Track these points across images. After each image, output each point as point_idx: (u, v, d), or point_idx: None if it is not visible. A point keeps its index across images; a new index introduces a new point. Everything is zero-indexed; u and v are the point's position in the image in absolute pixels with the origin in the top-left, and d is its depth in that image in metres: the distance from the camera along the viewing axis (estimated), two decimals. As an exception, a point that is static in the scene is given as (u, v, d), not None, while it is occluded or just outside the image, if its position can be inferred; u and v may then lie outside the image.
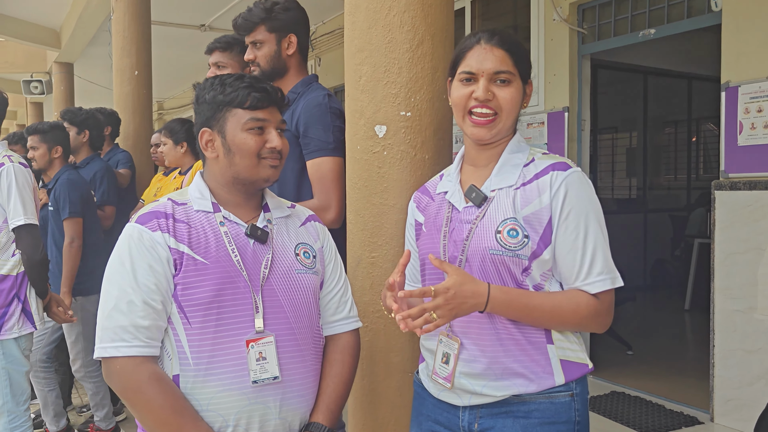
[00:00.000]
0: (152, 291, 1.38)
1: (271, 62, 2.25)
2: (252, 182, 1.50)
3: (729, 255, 3.55)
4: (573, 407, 1.41)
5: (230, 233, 1.47)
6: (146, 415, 1.36)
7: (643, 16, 4.23)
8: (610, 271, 1.40)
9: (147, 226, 1.43)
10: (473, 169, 1.52)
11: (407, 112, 1.77)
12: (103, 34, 7.37)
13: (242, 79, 1.48)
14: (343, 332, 1.60)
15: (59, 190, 3.53)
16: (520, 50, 1.46)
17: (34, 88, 9.85)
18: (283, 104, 1.54)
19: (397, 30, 1.76)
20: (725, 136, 3.60)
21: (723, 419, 3.58)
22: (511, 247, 1.38)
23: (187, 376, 1.39)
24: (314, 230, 1.62)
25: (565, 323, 1.40)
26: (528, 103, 1.50)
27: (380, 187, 1.79)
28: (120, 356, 1.36)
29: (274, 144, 1.48)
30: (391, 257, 1.78)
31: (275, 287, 1.46)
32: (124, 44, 5.05)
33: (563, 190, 1.38)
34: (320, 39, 7.52)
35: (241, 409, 1.39)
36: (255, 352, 1.40)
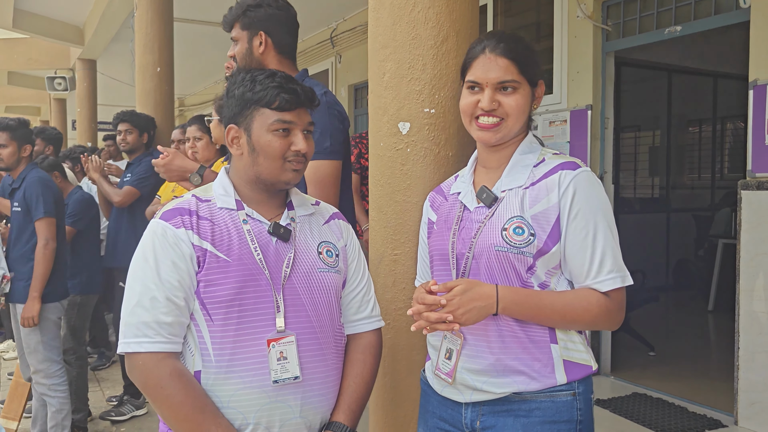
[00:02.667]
0: (175, 288, 1.39)
1: (243, 60, 2.22)
2: (273, 183, 1.50)
3: (755, 255, 3.49)
4: (575, 407, 1.42)
5: (253, 231, 1.46)
6: (167, 410, 1.37)
7: (669, 12, 4.17)
8: (620, 269, 1.41)
9: (171, 223, 1.43)
10: (485, 171, 1.54)
11: (431, 109, 1.76)
12: (125, 30, 7.44)
13: (273, 78, 1.47)
14: (365, 331, 1.59)
15: (30, 189, 3.41)
16: (526, 56, 1.47)
17: (57, 84, 9.98)
18: (314, 105, 1.52)
19: (421, 26, 1.74)
20: (752, 135, 3.54)
21: (747, 422, 3.52)
22: (517, 244, 1.40)
23: (208, 372, 1.39)
24: (338, 228, 1.61)
25: (577, 322, 1.41)
26: (539, 104, 1.52)
27: (403, 185, 1.78)
28: (142, 352, 1.37)
29: (299, 147, 1.46)
30: (413, 254, 1.77)
31: (297, 286, 1.46)
32: (146, 41, 5.09)
33: (572, 189, 1.40)
34: (341, 36, 7.52)
35: (261, 407, 1.39)
36: (276, 352, 1.40)
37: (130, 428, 4.09)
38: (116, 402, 4.31)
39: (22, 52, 10.40)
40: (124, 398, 4.28)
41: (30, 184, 3.43)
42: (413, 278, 1.77)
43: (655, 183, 8.03)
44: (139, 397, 4.28)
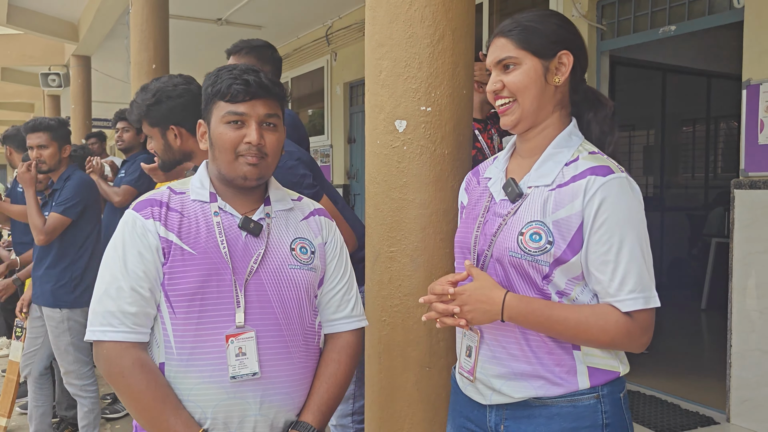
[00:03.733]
0: (140, 278, 1.39)
1: (165, 154, 2.10)
2: (231, 179, 1.48)
3: (748, 254, 3.51)
4: (599, 410, 1.34)
5: (223, 224, 1.46)
6: (128, 399, 1.38)
7: (664, 12, 4.19)
8: (644, 289, 1.29)
9: (141, 214, 1.44)
10: (519, 159, 1.47)
11: (427, 107, 1.77)
12: (120, 27, 7.42)
13: (233, 70, 1.46)
14: (343, 331, 1.57)
15: (70, 187, 3.36)
16: (526, 29, 1.38)
17: (51, 81, 9.93)
18: (282, 97, 1.50)
19: (418, 25, 1.75)
20: (746, 135, 3.56)
21: (739, 419, 3.55)
22: (531, 252, 1.32)
23: (171, 365, 1.40)
24: (317, 225, 1.59)
25: (591, 341, 1.32)
26: (562, 77, 1.39)
27: (399, 182, 1.79)
28: (107, 340, 1.38)
29: (250, 139, 1.43)
30: (409, 251, 1.78)
31: (264, 282, 1.44)
32: (142, 38, 5.07)
33: (599, 197, 1.29)
34: (337, 33, 7.52)
35: (219, 402, 1.39)
36: (234, 347, 1.39)
37: (125, 424, 4.09)
38: (110, 400, 4.32)
39: (16, 48, 10.33)
40: (118, 395, 4.29)
41: (72, 183, 3.37)
42: (409, 275, 1.78)
43: (649, 182, 8.06)
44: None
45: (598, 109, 1.45)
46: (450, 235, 1.80)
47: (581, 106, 1.46)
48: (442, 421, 1.81)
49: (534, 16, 1.41)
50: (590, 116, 1.45)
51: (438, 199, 1.78)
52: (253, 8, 7.02)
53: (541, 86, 1.38)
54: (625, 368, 1.39)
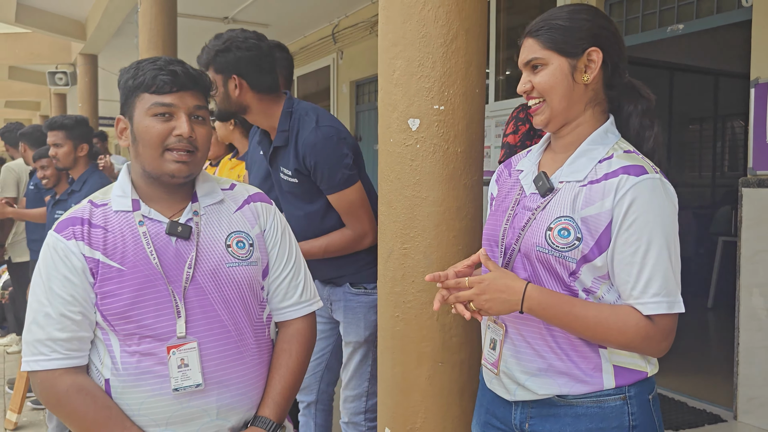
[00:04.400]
0: (68, 302, 1.33)
1: (222, 103, 2.21)
2: (157, 176, 1.41)
3: (756, 252, 3.52)
4: (626, 411, 1.32)
5: (149, 233, 1.39)
6: (71, 424, 1.35)
7: (672, 11, 4.19)
8: (669, 294, 1.26)
9: (62, 235, 1.37)
10: (553, 154, 1.46)
11: (440, 105, 1.78)
12: (127, 26, 7.46)
13: (156, 62, 1.39)
14: (293, 319, 1.54)
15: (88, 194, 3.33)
16: (552, 28, 1.37)
17: (59, 79, 9.98)
18: (208, 89, 1.44)
19: (431, 24, 1.77)
20: (754, 133, 3.57)
21: (746, 417, 3.56)
22: (559, 248, 1.30)
23: (117, 381, 1.35)
24: (252, 214, 1.52)
25: (608, 341, 1.29)
26: (592, 74, 1.36)
27: (413, 180, 1.81)
28: (39, 370, 1.33)
29: (180, 130, 1.37)
30: (423, 249, 1.80)
31: (203, 286, 1.39)
32: (150, 37, 5.11)
33: (629, 197, 1.26)
34: (343, 32, 7.54)
35: (173, 413, 1.35)
36: (176, 359, 1.34)
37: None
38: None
39: (24, 47, 10.39)
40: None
41: (92, 190, 3.24)
42: (423, 272, 1.80)
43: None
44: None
45: (638, 102, 1.43)
46: (463, 232, 1.82)
47: (621, 99, 1.43)
48: (455, 415, 1.83)
49: (563, 14, 1.39)
50: (630, 109, 1.43)
51: (451, 197, 1.80)
52: (259, 6, 7.05)
53: (569, 85, 1.36)
54: (653, 369, 1.36)
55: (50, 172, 3.73)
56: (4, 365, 5.42)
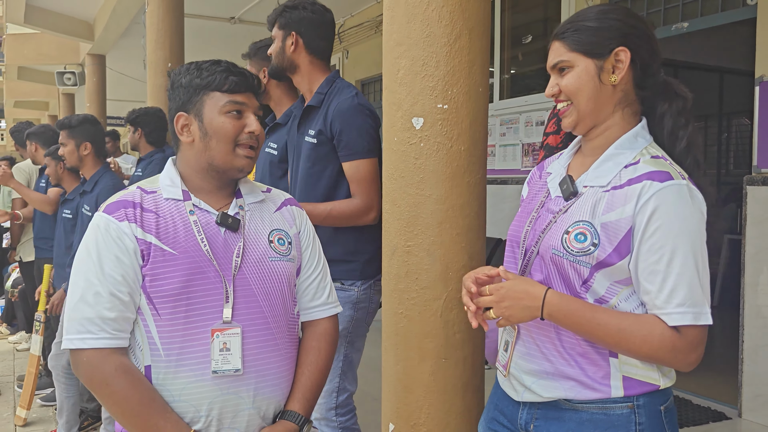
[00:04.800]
0: (118, 282, 1.36)
1: (277, 58, 2.35)
2: (225, 171, 1.48)
3: (760, 250, 3.53)
4: (633, 420, 1.28)
5: (200, 222, 1.44)
6: (114, 407, 1.36)
7: (677, 9, 4.20)
8: (695, 304, 1.21)
9: (114, 216, 1.40)
10: (582, 157, 1.43)
11: (444, 104, 1.81)
12: (135, 26, 7.50)
13: (219, 64, 1.48)
14: (320, 318, 1.60)
15: (104, 196, 3.27)
16: (578, 30, 1.34)
17: (67, 79, 10.05)
18: (260, 92, 1.54)
19: (435, 24, 1.79)
20: (759, 131, 3.58)
21: (751, 415, 3.57)
22: (573, 252, 1.28)
23: (158, 366, 1.38)
24: (290, 215, 1.59)
25: (632, 351, 1.25)
26: (620, 74, 1.32)
27: (416, 178, 1.83)
28: (86, 348, 1.35)
29: (252, 128, 1.46)
30: (426, 246, 1.82)
31: (248, 276, 1.44)
32: (157, 37, 5.15)
33: (652, 204, 1.22)
34: (348, 31, 7.57)
35: (213, 399, 1.38)
36: (219, 342, 1.38)
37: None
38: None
39: (33, 47, 10.48)
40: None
41: (106, 191, 3.32)
42: (426, 269, 1.83)
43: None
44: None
45: (673, 101, 1.38)
46: (466, 230, 1.84)
47: (656, 99, 1.39)
48: (458, 411, 1.85)
49: (591, 14, 1.36)
50: (664, 108, 1.38)
51: (454, 195, 1.82)
52: (266, 7, 7.07)
53: (595, 87, 1.33)
54: (668, 381, 1.32)
55: (50, 170, 3.80)
56: (14, 362, 5.48)
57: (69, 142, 3.40)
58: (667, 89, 1.39)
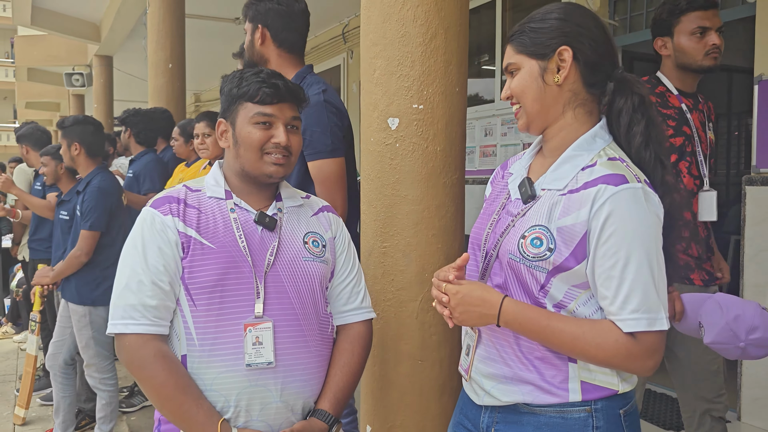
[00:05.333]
0: (160, 272, 1.45)
1: (248, 52, 2.34)
2: (255, 176, 1.54)
3: (759, 251, 3.48)
4: (591, 424, 1.27)
5: (239, 219, 1.52)
6: (151, 390, 1.43)
7: (676, 7, 4.15)
8: (649, 310, 1.20)
9: (159, 210, 1.49)
10: (542, 158, 1.41)
11: (419, 104, 1.79)
12: (140, 27, 7.53)
13: (259, 74, 1.53)
14: (354, 322, 1.62)
15: (88, 197, 3.37)
16: (523, 33, 1.34)
17: (75, 80, 10.13)
18: (300, 101, 1.57)
19: (410, 24, 1.78)
20: (758, 131, 3.53)
21: (750, 418, 3.52)
22: (530, 257, 1.27)
23: (193, 356, 1.44)
24: (326, 220, 1.65)
25: (588, 357, 1.25)
26: (562, 76, 1.30)
27: (392, 179, 1.82)
28: (128, 333, 1.43)
29: (279, 140, 1.50)
30: (402, 247, 1.81)
31: (281, 274, 1.50)
32: (158, 38, 5.17)
33: (607, 209, 1.20)
34: (353, 31, 7.56)
35: (241, 390, 1.43)
36: (252, 336, 1.44)
37: (140, 417, 4.17)
38: (127, 393, 4.40)
39: (42, 49, 10.58)
40: (134, 389, 4.37)
41: (90, 191, 3.37)
42: (402, 270, 1.82)
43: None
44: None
45: (629, 97, 1.34)
46: (442, 231, 1.83)
47: (615, 95, 1.35)
48: (434, 413, 1.84)
49: (537, 15, 1.35)
50: (621, 105, 1.34)
51: (430, 196, 1.81)
52: (269, 7, 7.08)
53: (539, 88, 1.32)
54: (627, 386, 1.31)
55: (46, 170, 3.81)
56: (17, 362, 5.52)
57: (63, 142, 3.44)
58: (624, 85, 1.36)
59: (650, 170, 1.31)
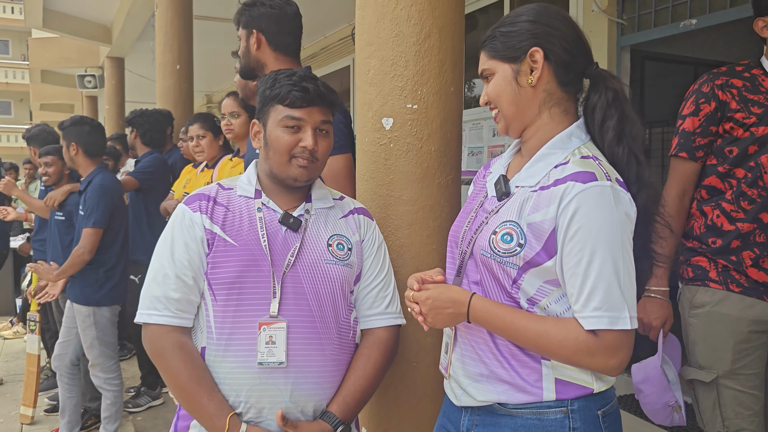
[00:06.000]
0: (185, 267, 1.49)
1: (244, 58, 2.32)
2: (282, 179, 1.56)
3: None
4: (567, 425, 1.27)
5: (264, 219, 1.54)
6: (168, 378, 1.48)
7: (685, 5, 4.11)
8: (612, 308, 1.20)
9: (190, 207, 1.55)
10: (520, 158, 1.44)
11: (414, 104, 1.78)
12: (150, 29, 7.56)
13: (291, 77, 1.54)
14: (376, 327, 1.62)
15: (90, 195, 3.40)
16: (494, 38, 1.36)
17: (87, 82, 10.20)
18: (334, 105, 1.57)
19: (404, 23, 1.77)
20: None
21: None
22: (500, 253, 1.28)
23: (210, 349, 1.48)
24: (355, 223, 1.64)
25: (551, 354, 1.26)
26: (535, 77, 1.32)
27: (386, 179, 1.81)
28: (151, 323, 1.49)
29: (305, 144, 1.52)
30: (396, 248, 1.80)
31: (301, 275, 1.51)
32: (166, 39, 5.19)
33: (574, 205, 1.21)
34: (361, 32, 7.55)
35: (251, 387, 1.46)
36: (265, 335, 1.46)
37: (147, 417, 4.19)
38: (133, 393, 4.42)
39: (55, 51, 10.66)
40: (141, 389, 4.39)
41: (92, 189, 3.41)
42: (396, 271, 1.79)
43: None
44: (155, 388, 4.39)
45: (603, 93, 1.35)
46: (437, 231, 1.82)
47: (590, 91, 1.37)
48: (429, 415, 1.82)
49: (507, 19, 1.37)
50: (595, 100, 1.35)
51: (425, 196, 1.80)
52: (277, 8, 7.09)
53: (513, 91, 1.34)
54: (602, 385, 1.30)
55: (52, 170, 3.83)
56: (27, 361, 5.57)
57: (63, 143, 3.49)
58: (599, 81, 1.36)
59: (624, 166, 1.31)
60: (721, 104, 2.02)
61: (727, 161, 2.00)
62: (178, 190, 3.99)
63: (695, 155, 2.06)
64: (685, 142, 2.10)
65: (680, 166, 2.08)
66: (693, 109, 2.11)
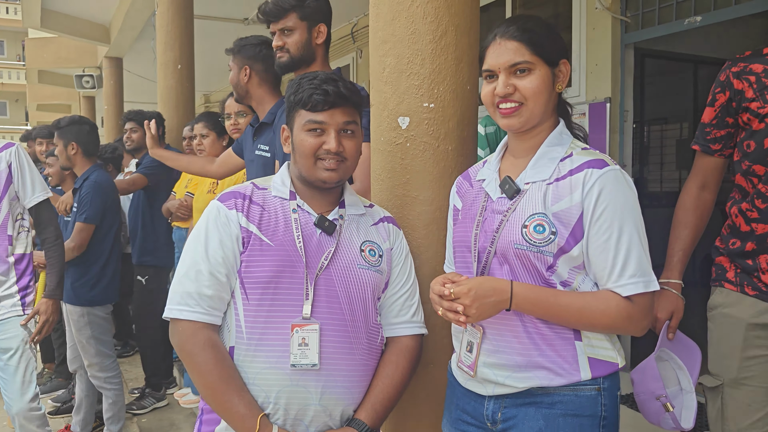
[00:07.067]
0: (219, 264, 1.49)
1: (301, 49, 2.32)
2: (311, 182, 1.57)
3: None
4: (599, 402, 1.39)
5: (300, 221, 1.55)
6: (197, 376, 1.47)
7: (689, 3, 4.09)
8: (644, 274, 1.35)
9: (225, 204, 1.54)
10: (512, 159, 1.52)
11: (430, 103, 1.76)
12: (149, 29, 7.54)
13: (313, 80, 1.54)
14: (403, 335, 1.62)
15: (85, 191, 3.42)
16: (538, 35, 1.43)
17: (85, 82, 10.16)
18: (359, 104, 1.57)
19: (420, 21, 1.75)
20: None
21: None
22: (536, 243, 1.37)
23: (240, 349, 1.47)
24: (385, 231, 1.66)
25: (594, 325, 1.37)
26: (564, 84, 1.47)
27: (403, 179, 1.79)
28: (182, 319, 1.47)
29: (329, 146, 1.52)
30: (413, 248, 1.78)
31: (334, 278, 1.52)
32: (167, 39, 5.16)
33: (597, 188, 1.35)
34: (362, 31, 7.53)
35: (282, 388, 1.45)
36: (298, 337, 1.46)
37: (151, 419, 4.17)
38: (138, 394, 4.40)
39: (52, 51, 10.62)
40: (145, 391, 4.36)
41: (87, 185, 3.43)
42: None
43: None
44: (160, 389, 4.36)
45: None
46: (454, 232, 1.80)
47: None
48: (447, 418, 1.80)
49: (541, 24, 1.46)
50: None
51: (442, 196, 1.78)
52: (278, 7, 7.06)
53: (550, 92, 1.45)
54: (622, 361, 1.44)
55: (54, 170, 3.84)
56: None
57: (59, 142, 3.49)
58: None
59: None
60: (736, 93, 1.85)
61: (747, 157, 1.84)
62: (179, 191, 3.97)
63: (710, 148, 1.95)
64: (699, 134, 2.02)
65: (698, 159, 2.03)
66: (710, 99, 2.01)
